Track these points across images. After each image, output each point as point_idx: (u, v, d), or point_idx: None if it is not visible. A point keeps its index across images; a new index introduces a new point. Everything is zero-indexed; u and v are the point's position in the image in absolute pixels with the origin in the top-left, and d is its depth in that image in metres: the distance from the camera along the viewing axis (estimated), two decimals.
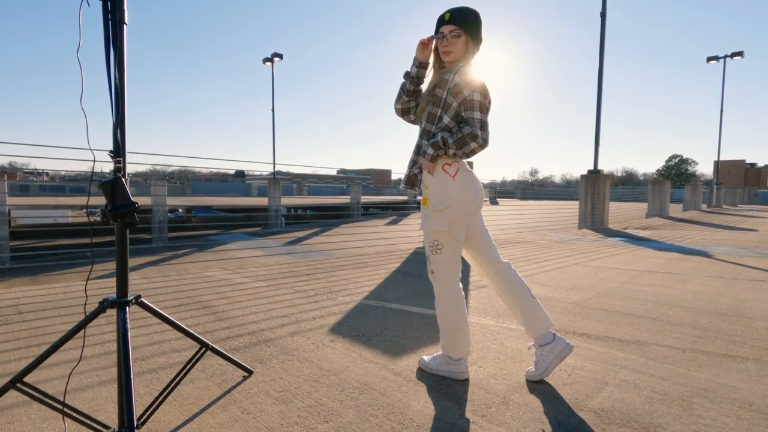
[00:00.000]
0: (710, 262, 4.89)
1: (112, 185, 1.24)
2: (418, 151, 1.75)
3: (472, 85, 1.65)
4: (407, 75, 1.78)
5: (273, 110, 20.72)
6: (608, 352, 2.10)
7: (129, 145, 1.35)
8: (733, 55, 20.70)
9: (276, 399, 1.61)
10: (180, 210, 22.01)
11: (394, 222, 15.88)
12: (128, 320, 1.33)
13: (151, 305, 1.46)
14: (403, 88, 1.80)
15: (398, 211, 20.89)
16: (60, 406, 1.29)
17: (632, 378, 1.80)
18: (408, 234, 9.89)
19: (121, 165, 1.29)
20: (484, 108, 1.66)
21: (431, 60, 1.77)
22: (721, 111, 21.87)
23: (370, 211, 21.77)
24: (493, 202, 26.36)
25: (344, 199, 21.97)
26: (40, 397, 1.29)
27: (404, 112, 1.85)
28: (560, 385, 1.74)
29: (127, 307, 1.35)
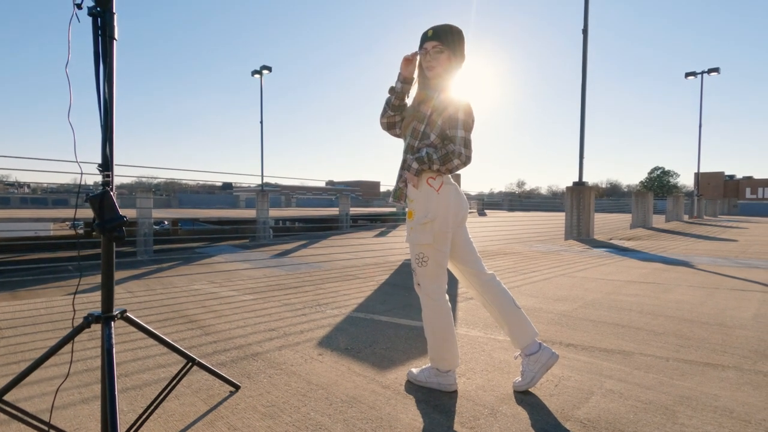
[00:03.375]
0: (692, 272, 4.99)
1: (101, 199, 1.23)
2: (404, 165, 1.78)
3: (456, 103, 1.69)
4: (392, 90, 1.82)
5: (261, 122, 20.74)
6: (594, 362, 2.13)
7: (114, 157, 1.34)
8: (710, 71, 21.43)
9: (263, 414, 1.60)
10: (166, 222, 21.71)
11: (382, 234, 15.88)
12: (113, 336, 1.31)
13: (136, 320, 1.44)
14: (388, 102, 1.84)
15: (387, 222, 20.93)
16: (42, 426, 1.27)
17: (617, 387, 1.83)
18: (397, 246, 9.90)
19: (110, 179, 1.29)
20: (468, 126, 1.70)
21: (415, 75, 1.82)
22: (700, 125, 22.55)
23: (359, 223, 21.76)
24: (481, 214, 26.59)
25: (333, 211, 21.95)
26: (21, 416, 1.27)
27: (389, 126, 1.88)
28: (547, 395, 1.75)
29: (112, 323, 1.34)
